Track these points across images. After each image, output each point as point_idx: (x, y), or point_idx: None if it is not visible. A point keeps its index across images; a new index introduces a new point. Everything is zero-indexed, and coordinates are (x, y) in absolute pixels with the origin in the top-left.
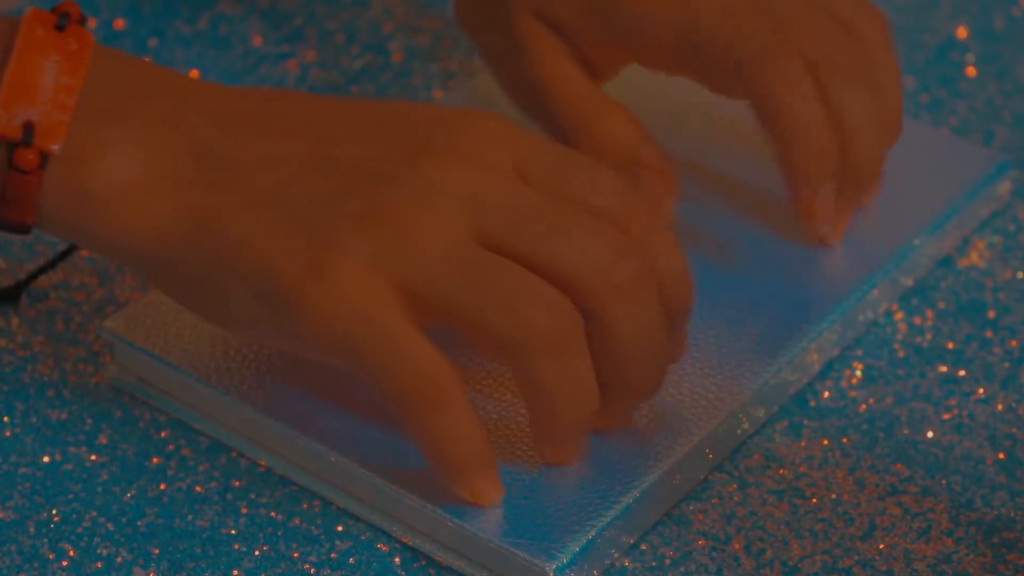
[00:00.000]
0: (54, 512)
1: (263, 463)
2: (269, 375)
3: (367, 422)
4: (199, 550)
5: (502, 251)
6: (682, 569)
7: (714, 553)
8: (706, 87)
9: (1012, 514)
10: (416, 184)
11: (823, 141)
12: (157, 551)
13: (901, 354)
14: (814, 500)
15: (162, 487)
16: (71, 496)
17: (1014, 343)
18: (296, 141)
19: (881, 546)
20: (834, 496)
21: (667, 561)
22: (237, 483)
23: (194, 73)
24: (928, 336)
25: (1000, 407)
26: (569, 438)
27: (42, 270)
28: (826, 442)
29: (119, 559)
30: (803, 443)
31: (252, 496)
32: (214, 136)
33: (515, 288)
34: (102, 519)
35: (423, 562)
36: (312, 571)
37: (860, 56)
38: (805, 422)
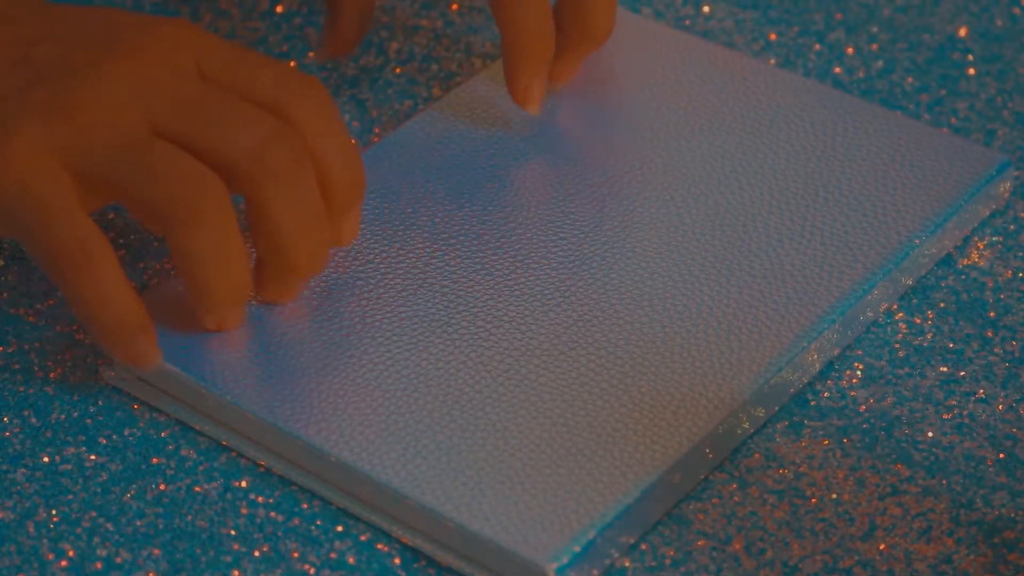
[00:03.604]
0: (54, 512)
1: (263, 463)
2: (269, 376)
3: (366, 421)
4: (199, 550)
5: (170, 139)
6: (682, 569)
7: (714, 553)
8: None
9: (1012, 514)
10: (96, 78)
11: (547, 36)
12: (157, 551)
13: (901, 354)
14: (814, 500)
15: (162, 487)
16: (71, 496)
17: (1014, 343)
18: None
19: (881, 546)
20: (834, 496)
21: (667, 561)
22: (237, 483)
23: None
24: (928, 336)
25: (1000, 407)
26: (224, 306)
27: None
28: (826, 442)
29: (119, 559)
30: (803, 443)
31: (252, 496)
32: None
33: (164, 164)
34: (102, 519)
35: (423, 562)
36: (312, 571)
37: None
38: (805, 422)
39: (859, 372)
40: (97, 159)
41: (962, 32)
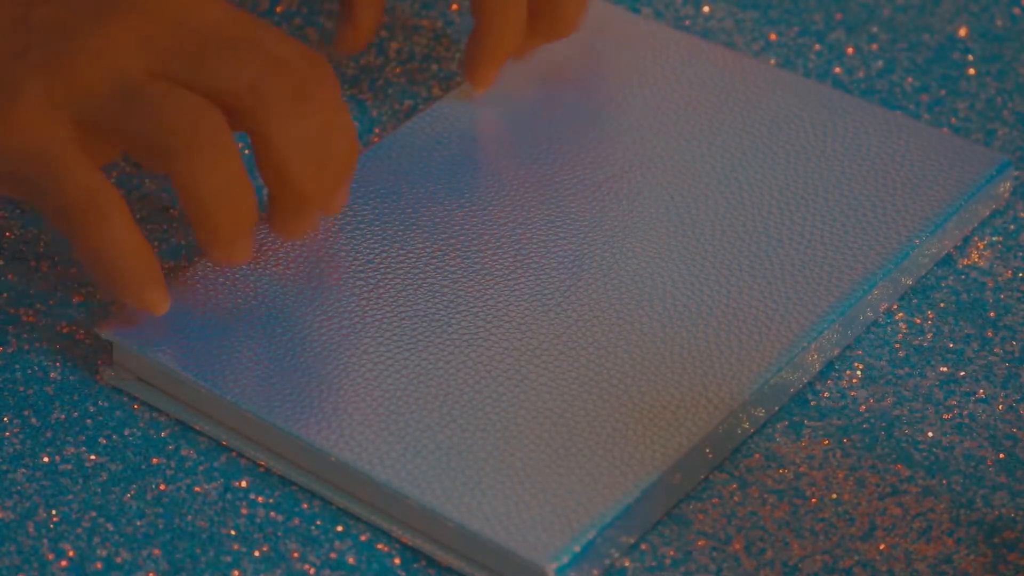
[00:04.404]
0: (54, 512)
1: (263, 463)
2: (269, 376)
3: (366, 421)
4: (199, 550)
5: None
6: (682, 569)
7: (714, 553)
8: None
9: (1012, 514)
10: (96, 36)
11: (519, 34)
12: (157, 551)
13: (901, 354)
14: (814, 500)
15: (162, 487)
16: (71, 496)
17: (1014, 343)
18: None
19: (881, 546)
20: (834, 496)
21: (667, 561)
22: (237, 483)
23: None
24: (928, 336)
25: (1000, 407)
26: (230, 237)
27: None
28: (826, 442)
29: (119, 559)
30: (803, 443)
31: (252, 496)
32: None
33: (159, 98)
34: (102, 519)
35: (423, 562)
36: (312, 571)
37: None
38: (805, 422)
39: (859, 372)
40: (97, 105)
41: (962, 32)
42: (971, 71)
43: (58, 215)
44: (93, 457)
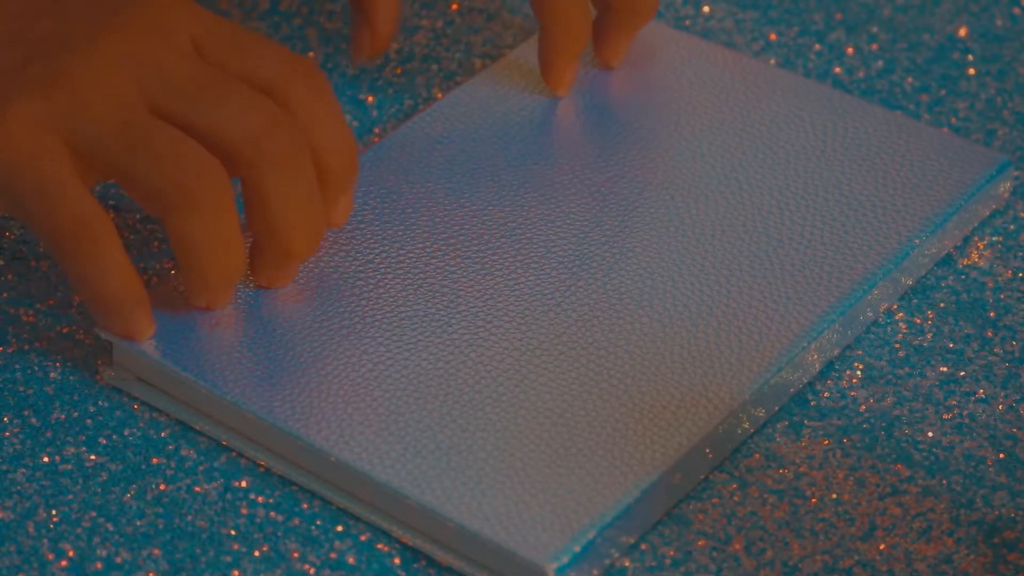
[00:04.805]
0: (54, 512)
1: (263, 463)
2: (269, 375)
3: (366, 421)
4: (199, 550)
5: (167, 118)
6: (682, 569)
7: (714, 553)
8: None
9: (1012, 514)
10: (94, 54)
11: (585, 28)
12: (157, 551)
13: (901, 354)
14: (814, 500)
15: (162, 487)
16: (71, 496)
17: (1014, 343)
18: None
19: (881, 546)
20: (834, 496)
21: (667, 561)
22: (237, 483)
23: None
24: (928, 336)
25: (1000, 407)
26: (216, 290)
27: None
28: (826, 442)
29: (119, 559)
30: (803, 443)
31: (252, 496)
32: None
33: (166, 148)
34: (102, 519)
35: (423, 562)
36: (312, 571)
37: None
38: (805, 422)
39: (859, 372)
40: (96, 136)
41: (962, 32)
42: (971, 71)
43: (47, 237)
44: (93, 457)
